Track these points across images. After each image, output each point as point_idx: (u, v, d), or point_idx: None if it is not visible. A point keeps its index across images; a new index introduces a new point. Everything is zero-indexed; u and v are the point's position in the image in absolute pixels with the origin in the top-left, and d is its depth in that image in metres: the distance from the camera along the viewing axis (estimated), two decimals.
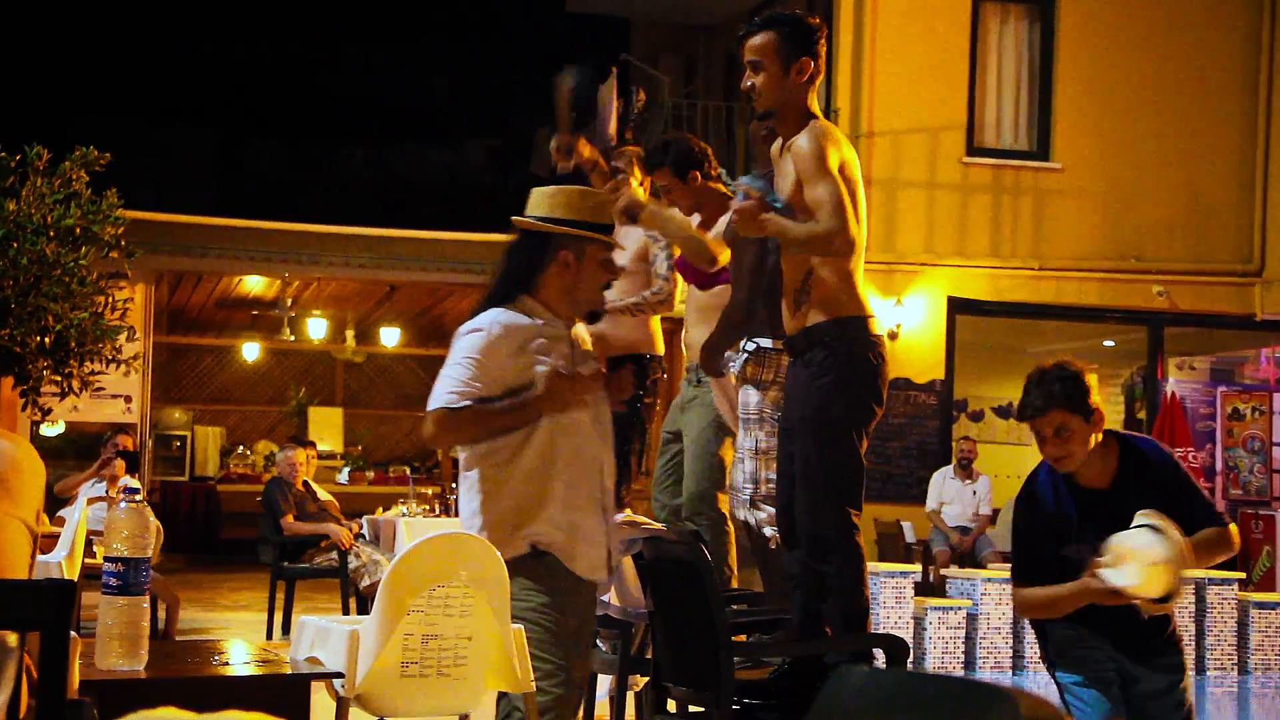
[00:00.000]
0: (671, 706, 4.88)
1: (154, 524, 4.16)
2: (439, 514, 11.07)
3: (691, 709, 4.88)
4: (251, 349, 20.05)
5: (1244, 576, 11.56)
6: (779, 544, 5.71)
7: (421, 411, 4.28)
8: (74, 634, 3.26)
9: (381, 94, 26.70)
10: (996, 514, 13.00)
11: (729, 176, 8.76)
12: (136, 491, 3.88)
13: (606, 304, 4.46)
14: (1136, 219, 14.47)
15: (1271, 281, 14.61)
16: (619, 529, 4.29)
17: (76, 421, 13.69)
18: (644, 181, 6.61)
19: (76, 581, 7.43)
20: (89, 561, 8.48)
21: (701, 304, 6.34)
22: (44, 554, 7.71)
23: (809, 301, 4.71)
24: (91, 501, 9.59)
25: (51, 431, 14.42)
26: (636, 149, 6.89)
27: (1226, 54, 14.69)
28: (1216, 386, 15.16)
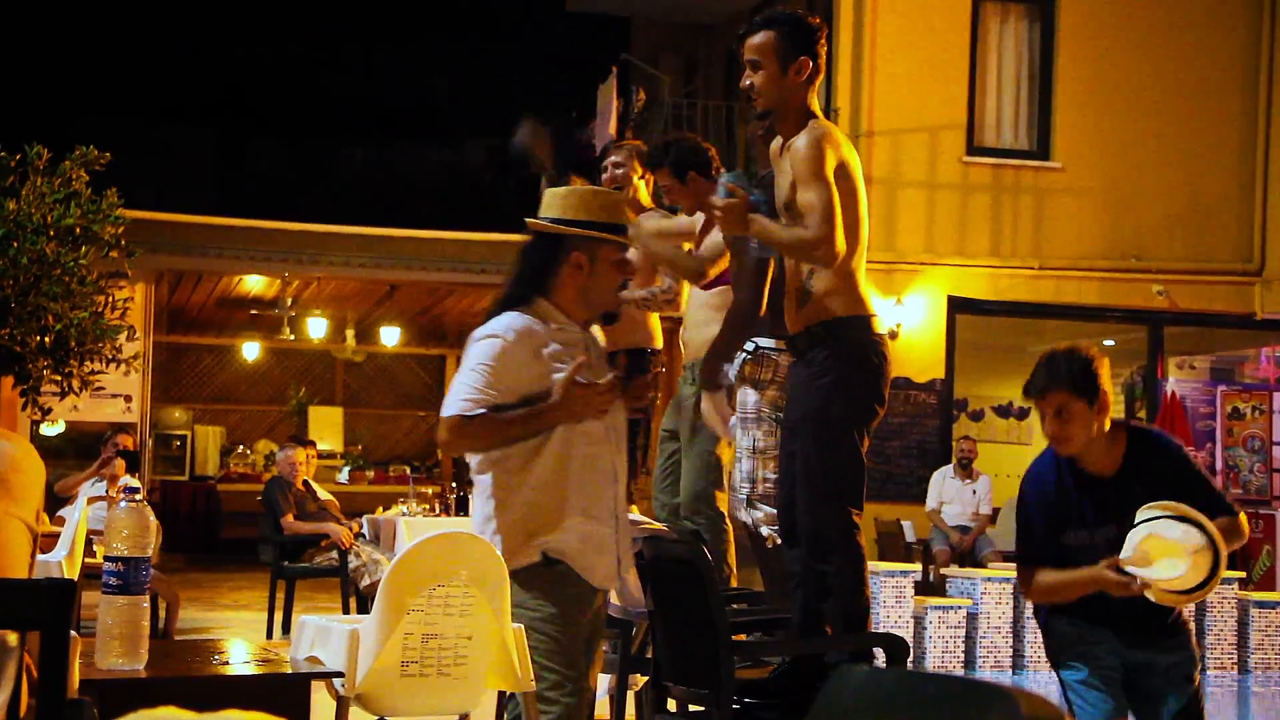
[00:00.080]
0: (671, 706, 4.88)
1: (154, 523, 4.15)
2: (439, 513, 11.07)
3: (691, 708, 4.88)
4: (251, 348, 20.05)
5: (1244, 576, 11.55)
6: (776, 543, 5.71)
7: (422, 411, 4.29)
8: (74, 633, 3.26)
9: (381, 94, 26.70)
10: (996, 513, 13.00)
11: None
12: (136, 491, 3.88)
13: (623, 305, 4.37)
14: (1136, 218, 14.47)
15: (1271, 281, 14.61)
16: (630, 536, 4.22)
17: (76, 421, 13.69)
18: (645, 176, 6.61)
19: (76, 581, 7.42)
20: (89, 561, 8.48)
21: (701, 302, 6.35)
22: (44, 553, 7.71)
23: (811, 301, 4.71)
24: (92, 501, 9.59)
25: (51, 431, 14.42)
26: (637, 143, 6.89)
27: (1226, 53, 14.69)
28: (1216, 386, 15.15)
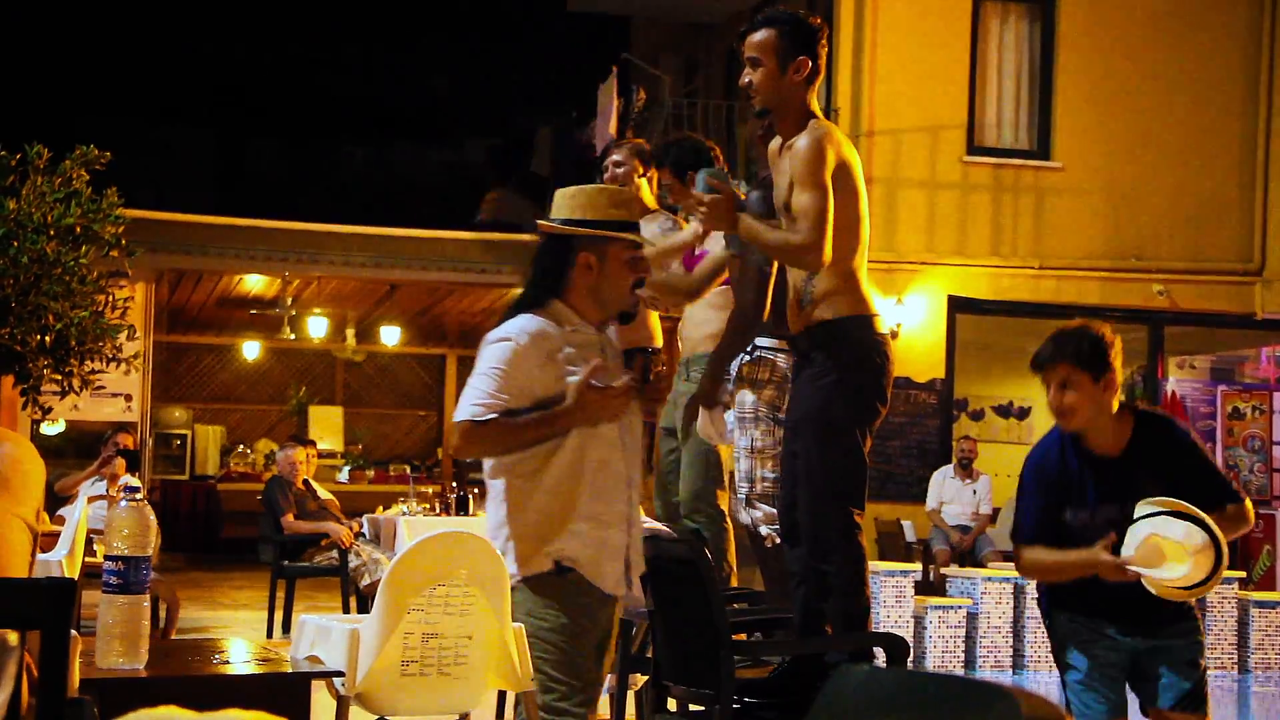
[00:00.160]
0: (672, 705, 4.88)
1: (154, 524, 4.15)
2: (439, 513, 11.07)
3: (692, 708, 4.88)
4: (252, 348, 20.05)
5: (1244, 576, 11.55)
6: (774, 543, 5.71)
7: (422, 410, 4.26)
8: (74, 632, 3.26)
9: (381, 94, 26.69)
10: (997, 513, 13.00)
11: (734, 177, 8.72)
12: (137, 490, 3.88)
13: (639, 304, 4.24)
14: (1137, 218, 14.47)
15: (1271, 280, 14.61)
16: (641, 542, 4.16)
17: (77, 420, 13.69)
18: (646, 174, 6.60)
19: (77, 580, 7.42)
20: (89, 560, 8.47)
21: (701, 301, 6.34)
22: (44, 552, 7.71)
23: (813, 301, 4.71)
24: (92, 500, 9.59)
25: (52, 430, 14.42)
26: (639, 141, 6.88)
27: (1227, 53, 14.69)
28: (1217, 385, 15.15)
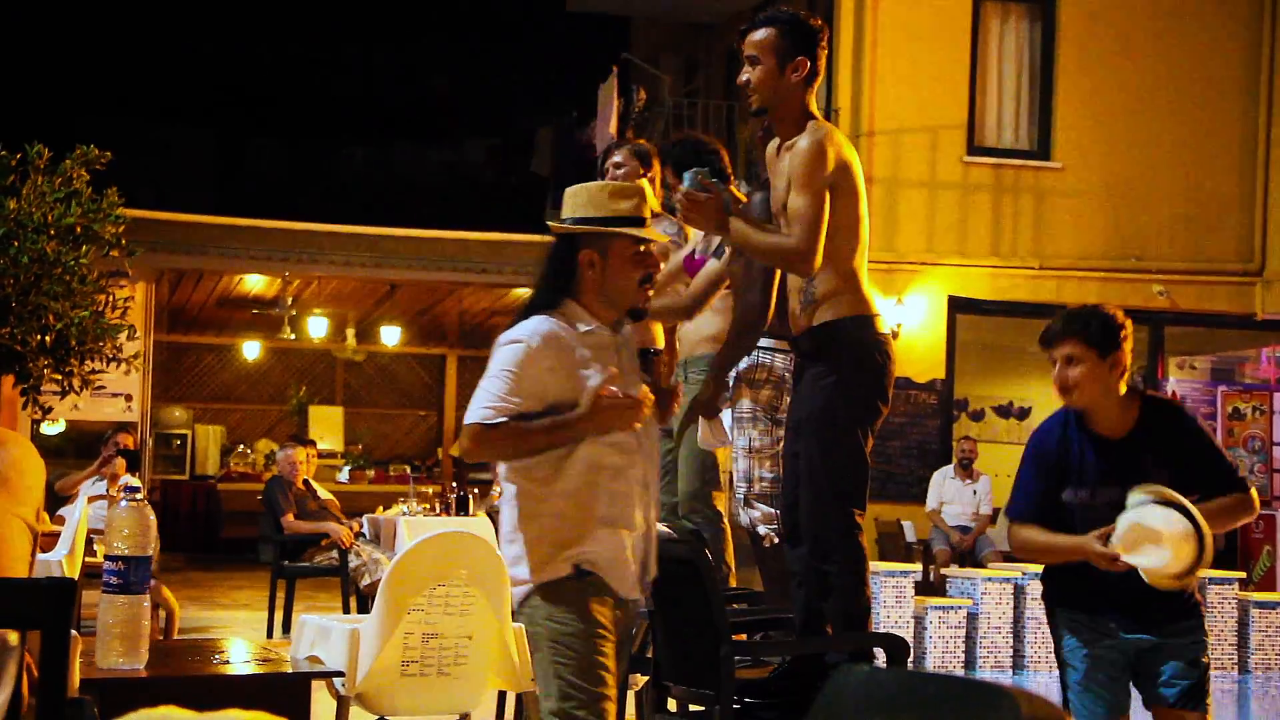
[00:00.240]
0: (672, 705, 4.88)
1: (154, 524, 4.16)
2: (439, 513, 11.08)
3: (692, 708, 4.88)
4: (252, 348, 20.06)
5: (1244, 576, 11.56)
6: (773, 542, 5.71)
7: (422, 410, 4.24)
8: (74, 632, 3.26)
9: (381, 94, 26.70)
10: (997, 513, 13.00)
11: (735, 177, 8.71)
12: (137, 490, 3.88)
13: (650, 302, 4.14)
14: (1137, 218, 14.47)
15: (1272, 281, 14.61)
16: (655, 546, 4.11)
17: (77, 420, 13.69)
18: (647, 174, 6.59)
19: (77, 580, 7.43)
20: (89, 560, 8.48)
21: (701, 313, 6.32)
22: (44, 552, 7.71)
23: (815, 302, 4.71)
24: (92, 500, 9.59)
25: (52, 430, 14.42)
26: (640, 142, 6.86)
27: (1227, 53, 14.69)
28: (1217, 386, 15.15)
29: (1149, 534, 4.11)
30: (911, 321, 13.96)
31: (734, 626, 4.75)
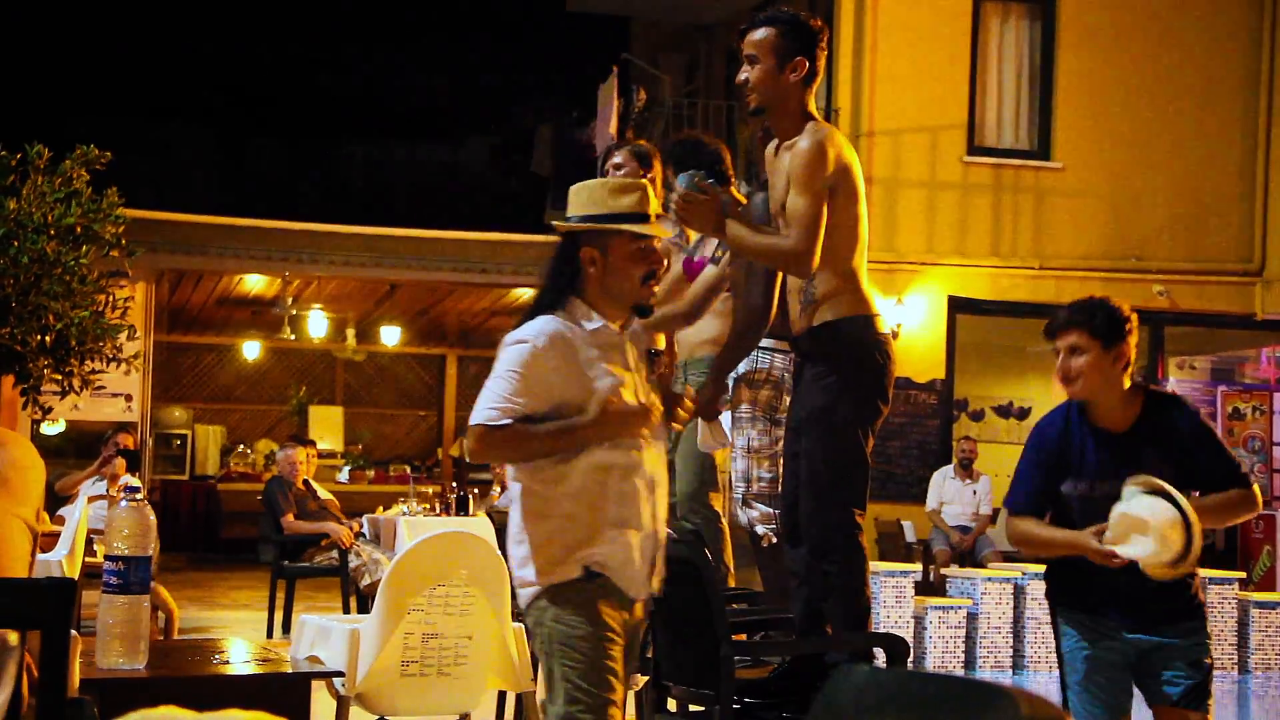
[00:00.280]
0: (672, 706, 4.88)
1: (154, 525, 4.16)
2: (439, 513, 11.08)
3: (692, 708, 4.87)
4: (252, 348, 20.06)
5: (1244, 576, 11.56)
6: (772, 541, 5.71)
7: (422, 410, 4.23)
8: (74, 633, 3.26)
9: (381, 94, 26.68)
10: (997, 513, 12.99)
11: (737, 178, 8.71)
12: (137, 490, 3.88)
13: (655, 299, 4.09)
14: (1137, 218, 14.47)
15: (1272, 281, 14.61)
16: (662, 547, 4.10)
17: (77, 420, 13.69)
18: (647, 175, 6.58)
19: (77, 580, 7.43)
20: (89, 560, 8.48)
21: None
22: (44, 552, 7.71)
23: (815, 302, 4.71)
24: (92, 500, 9.59)
25: (52, 430, 14.42)
26: (640, 141, 6.86)
27: (1227, 53, 14.69)
28: (1217, 386, 15.15)
29: (1136, 523, 4.12)
30: (911, 321, 13.96)
31: (734, 626, 4.75)
